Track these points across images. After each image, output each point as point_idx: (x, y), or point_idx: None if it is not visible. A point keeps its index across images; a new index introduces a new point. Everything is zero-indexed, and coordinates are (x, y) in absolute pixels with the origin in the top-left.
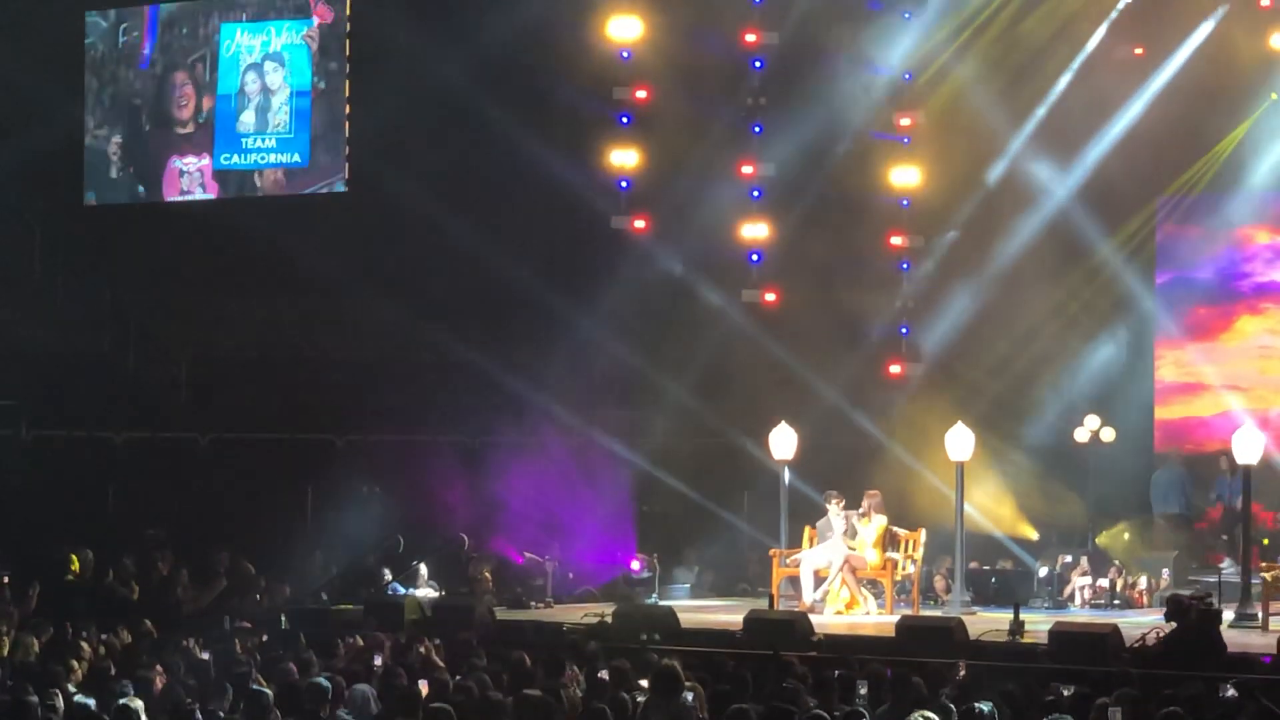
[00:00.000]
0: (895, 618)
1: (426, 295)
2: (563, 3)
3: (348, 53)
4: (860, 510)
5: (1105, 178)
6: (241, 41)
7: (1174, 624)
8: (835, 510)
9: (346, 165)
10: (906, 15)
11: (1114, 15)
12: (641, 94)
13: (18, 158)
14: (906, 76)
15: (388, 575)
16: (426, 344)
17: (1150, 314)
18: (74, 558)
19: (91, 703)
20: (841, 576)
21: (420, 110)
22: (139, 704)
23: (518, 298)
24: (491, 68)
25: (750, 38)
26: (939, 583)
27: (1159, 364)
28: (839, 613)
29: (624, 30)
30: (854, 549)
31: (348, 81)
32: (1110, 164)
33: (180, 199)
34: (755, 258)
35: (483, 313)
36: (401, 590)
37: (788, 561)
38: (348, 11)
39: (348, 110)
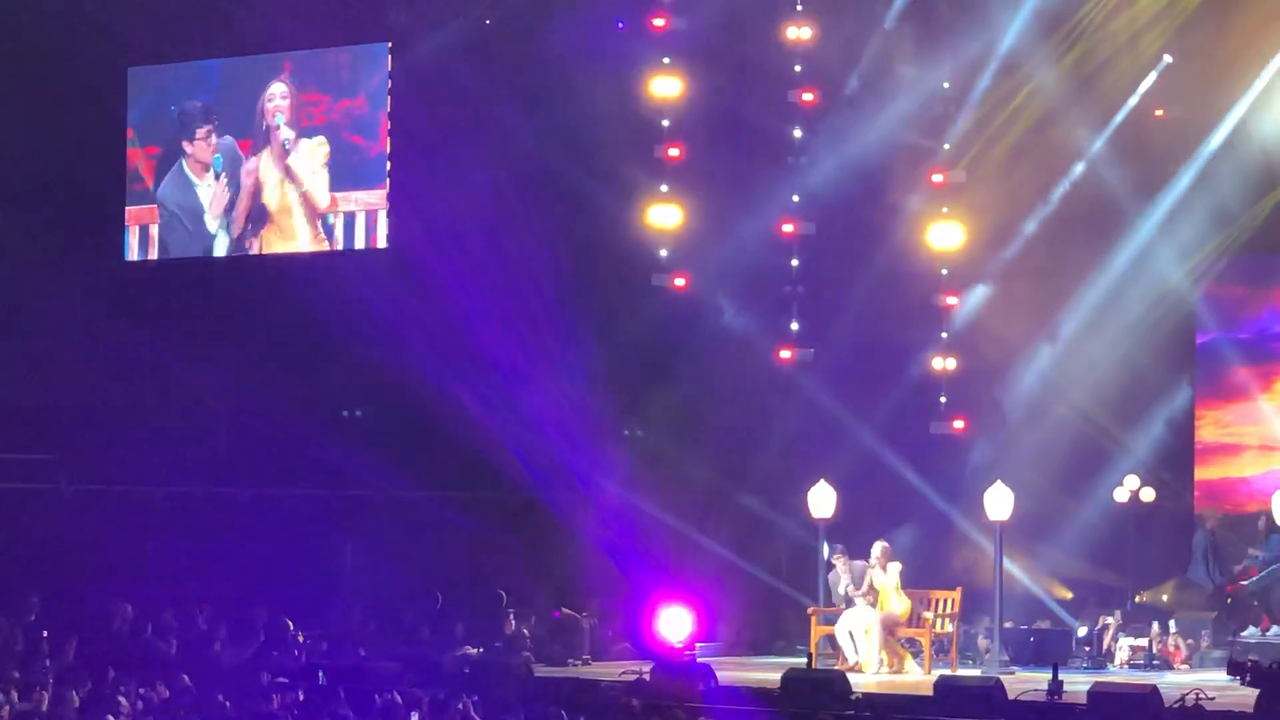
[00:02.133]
0: (933, 677)
1: (463, 352)
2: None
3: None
4: (870, 562)
5: (1149, 241)
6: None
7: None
8: (841, 565)
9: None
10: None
11: (1153, 77)
12: (674, 152)
13: (57, 210)
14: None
15: (426, 632)
16: (460, 401)
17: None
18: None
19: None
20: (881, 639)
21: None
22: None
23: (555, 349)
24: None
25: (791, 98)
26: (982, 643)
27: (1199, 424)
28: (889, 671)
29: (664, 89)
30: (876, 602)
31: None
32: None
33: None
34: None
35: (522, 366)
36: (440, 647)
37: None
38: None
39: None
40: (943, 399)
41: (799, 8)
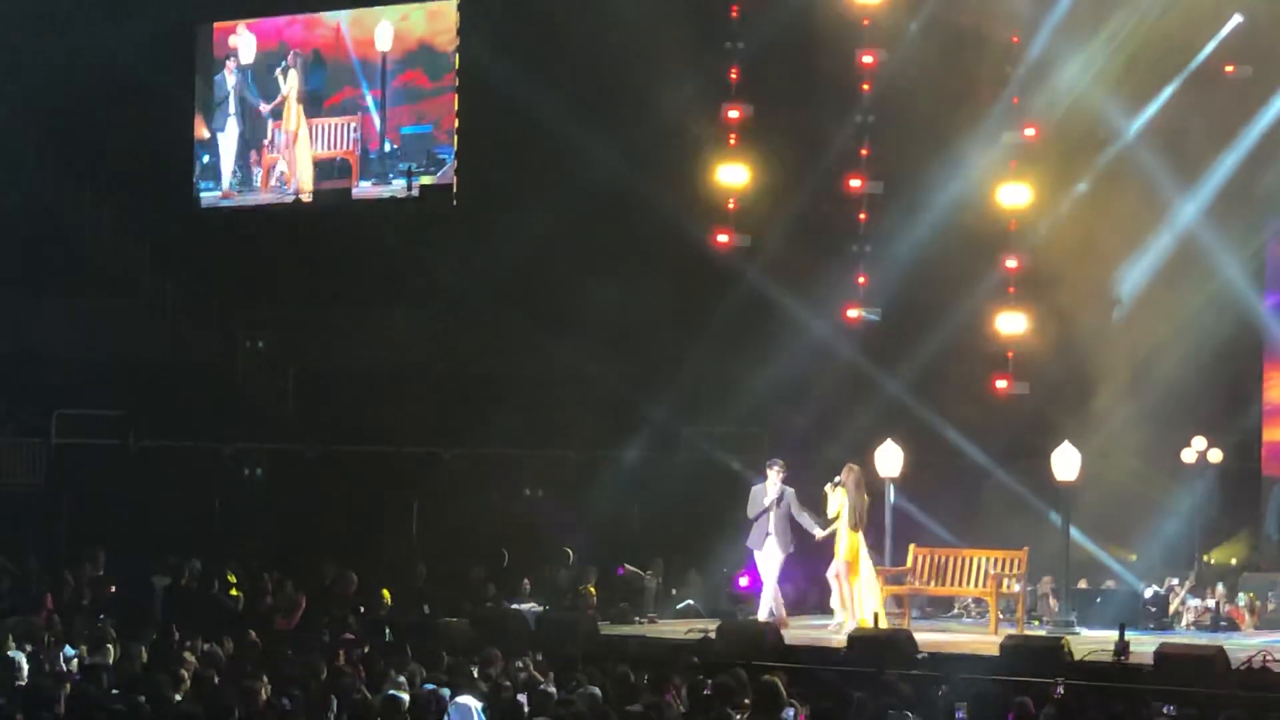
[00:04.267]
0: (1000, 636)
1: (538, 309)
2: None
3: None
4: (837, 479)
5: (1223, 197)
6: None
7: None
8: (773, 478)
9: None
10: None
11: (1222, 35)
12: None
13: (127, 168)
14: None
15: (492, 589)
16: (536, 357)
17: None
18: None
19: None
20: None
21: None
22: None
23: (620, 314)
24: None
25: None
26: (1052, 602)
27: (1268, 385)
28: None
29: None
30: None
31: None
32: (1230, 184)
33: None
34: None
35: (600, 329)
36: (506, 604)
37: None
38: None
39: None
40: (1009, 359)
41: None
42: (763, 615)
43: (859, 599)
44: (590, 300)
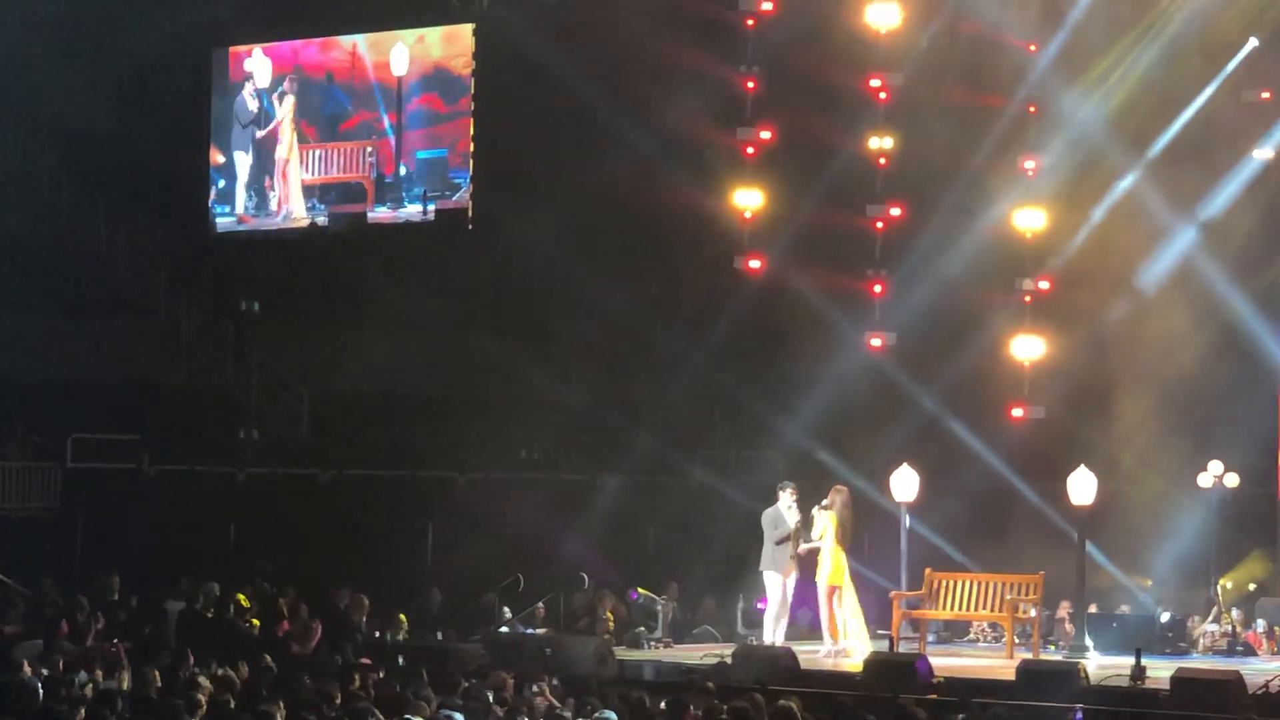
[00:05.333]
0: (1016, 660)
1: (552, 333)
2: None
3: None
4: (824, 503)
5: (1230, 223)
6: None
7: None
8: (787, 500)
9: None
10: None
11: (1238, 59)
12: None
13: (142, 192)
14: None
15: (507, 613)
16: (552, 381)
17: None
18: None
19: None
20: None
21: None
22: None
23: (633, 338)
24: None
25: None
26: (1068, 627)
27: None
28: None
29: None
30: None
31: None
32: (1238, 210)
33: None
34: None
35: (599, 353)
36: (521, 629)
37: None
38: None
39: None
40: (1025, 383)
41: None
42: (780, 638)
43: (848, 622)
44: (606, 324)
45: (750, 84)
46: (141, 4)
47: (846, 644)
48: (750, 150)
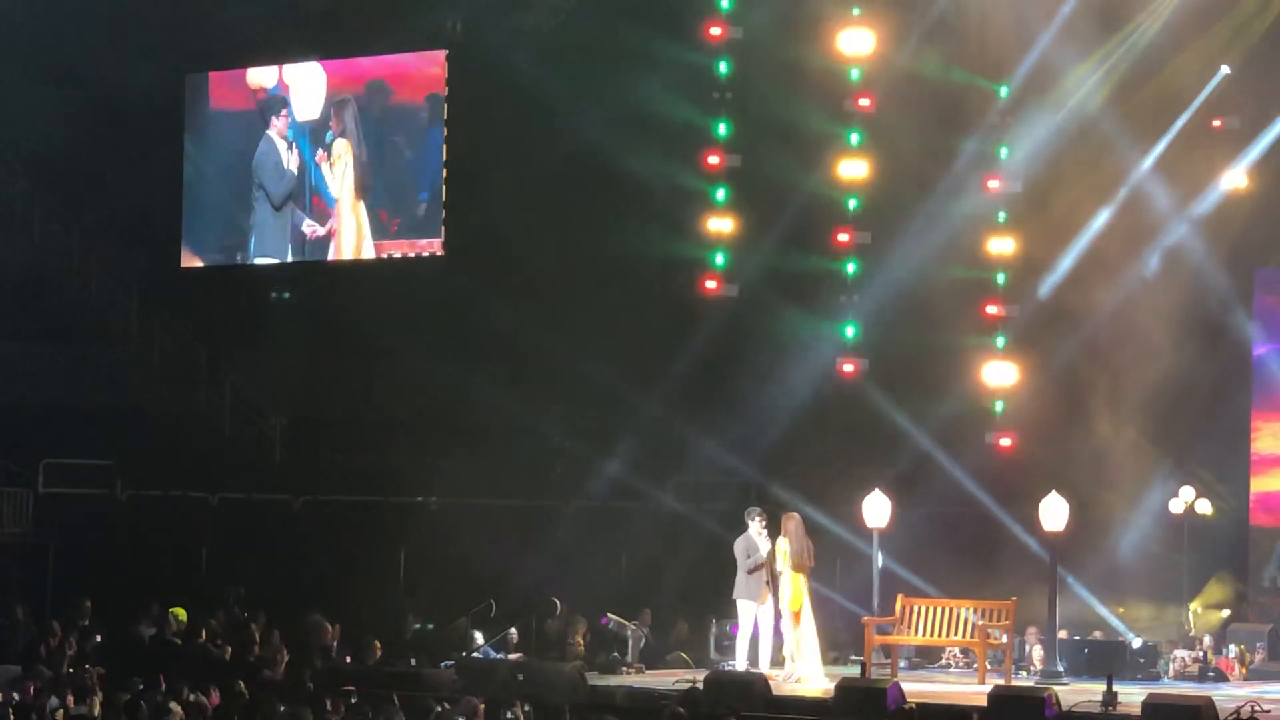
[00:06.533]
0: (988, 687)
1: (527, 359)
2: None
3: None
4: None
5: (1198, 251)
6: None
7: None
8: (756, 527)
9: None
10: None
11: (1208, 90)
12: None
13: (115, 217)
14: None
15: (479, 638)
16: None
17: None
18: (179, 611)
19: None
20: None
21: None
22: None
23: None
24: None
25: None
26: (1037, 652)
27: (1255, 436)
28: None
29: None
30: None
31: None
32: (1204, 237)
33: (271, 260)
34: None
35: (588, 381)
36: (493, 654)
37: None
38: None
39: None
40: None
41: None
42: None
43: (803, 645)
44: (580, 350)
45: (721, 123)
46: (117, 29)
47: (798, 668)
48: (717, 171)
